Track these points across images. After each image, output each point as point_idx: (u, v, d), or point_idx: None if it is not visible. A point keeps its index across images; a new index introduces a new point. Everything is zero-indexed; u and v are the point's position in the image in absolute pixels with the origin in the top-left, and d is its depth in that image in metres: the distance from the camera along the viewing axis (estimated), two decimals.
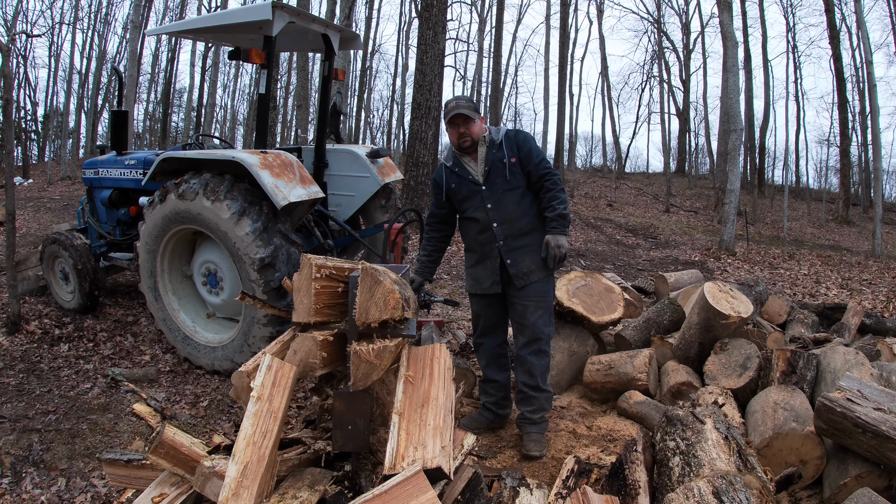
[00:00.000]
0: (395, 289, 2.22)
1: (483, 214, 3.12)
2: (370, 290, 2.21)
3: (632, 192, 24.38)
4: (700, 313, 3.77)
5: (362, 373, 2.20)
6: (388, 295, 2.20)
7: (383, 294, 2.20)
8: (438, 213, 3.34)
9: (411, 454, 2.02)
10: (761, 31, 26.04)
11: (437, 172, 3.30)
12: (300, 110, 14.28)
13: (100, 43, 25.06)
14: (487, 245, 3.14)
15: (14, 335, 4.71)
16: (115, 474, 2.40)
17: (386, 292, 2.21)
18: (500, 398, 3.35)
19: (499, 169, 3.08)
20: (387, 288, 2.20)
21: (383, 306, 2.21)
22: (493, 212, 3.10)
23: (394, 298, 2.21)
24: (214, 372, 4.38)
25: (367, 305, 2.21)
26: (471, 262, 3.29)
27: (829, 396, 2.56)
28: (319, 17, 5.03)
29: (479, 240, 3.17)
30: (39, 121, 27.92)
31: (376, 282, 2.21)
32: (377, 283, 2.21)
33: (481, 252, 3.19)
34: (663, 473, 2.33)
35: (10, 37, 21.45)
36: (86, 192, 5.64)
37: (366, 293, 2.22)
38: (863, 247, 14.73)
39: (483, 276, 3.20)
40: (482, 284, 3.21)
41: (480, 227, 3.15)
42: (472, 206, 3.16)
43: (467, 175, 3.15)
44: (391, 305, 2.20)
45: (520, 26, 50.02)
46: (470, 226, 3.22)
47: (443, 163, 3.29)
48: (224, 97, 31.88)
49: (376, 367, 2.21)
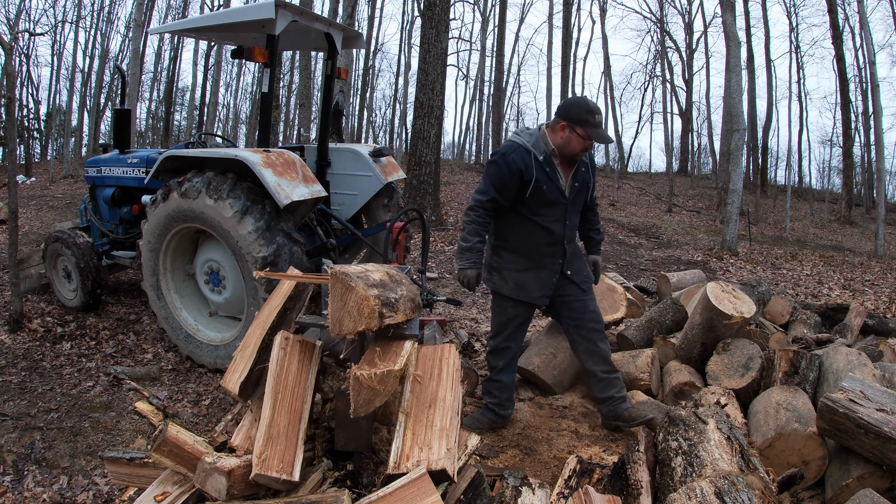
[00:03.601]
0: (370, 294, 1.97)
1: (560, 229, 3.01)
2: (341, 297, 1.98)
3: (634, 191, 24.35)
4: (702, 313, 3.77)
5: (364, 399, 2.02)
6: (361, 303, 1.95)
7: (356, 301, 1.96)
8: (502, 204, 2.96)
9: (416, 455, 2.01)
10: (764, 31, 26.08)
11: (521, 157, 2.88)
12: (302, 109, 14.27)
13: (102, 41, 25.10)
14: (550, 258, 3.06)
15: (16, 333, 4.72)
16: (118, 472, 2.40)
17: (359, 299, 1.95)
18: (503, 399, 3.33)
19: (584, 190, 3.07)
20: (359, 294, 1.95)
21: (357, 315, 1.97)
22: (569, 230, 3.05)
23: (368, 306, 1.96)
24: (217, 370, 4.38)
25: (339, 315, 1.99)
26: (519, 266, 3.10)
27: (831, 397, 2.55)
28: (322, 15, 5.03)
29: (544, 251, 3.05)
30: (42, 119, 27.99)
31: (347, 288, 1.96)
32: (348, 290, 1.96)
33: (538, 262, 3.07)
34: (665, 473, 2.33)
35: (13, 35, 21.48)
36: (88, 190, 5.64)
37: (337, 301, 1.99)
38: (865, 247, 14.69)
39: (534, 285, 3.09)
40: (530, 293, 3.11)
41: (552, 239, 3.03)
42: (550, 215, 2.98)
43: (557, 181, 2.95)
44: (365, 314, 1.96)
45: (522, 25, 50.12)
46: (538, 234, 3.02)
47: (529, 149, 2.90)
48: (226, 96, 31.96)
49: (379, 394, 2.04)
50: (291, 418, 2.16)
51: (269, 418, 2.10)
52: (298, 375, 2.34)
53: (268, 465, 1.96)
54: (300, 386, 2.32)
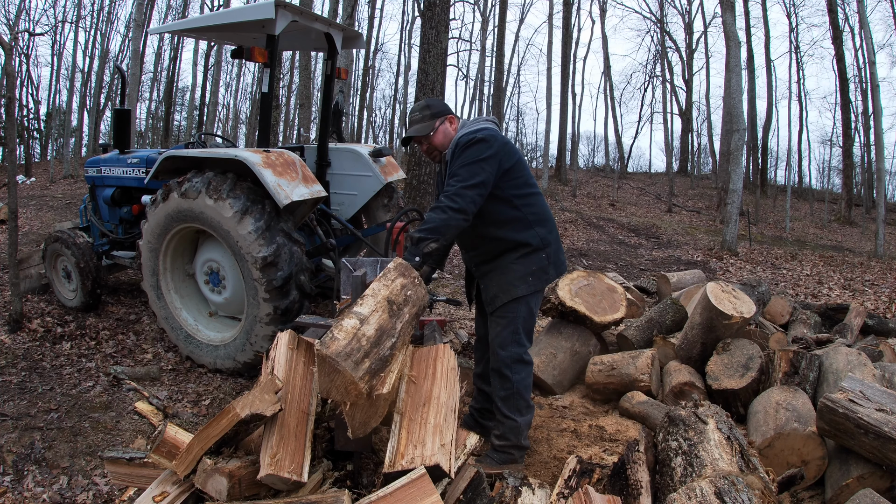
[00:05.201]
0: (359, 375, 1.89)
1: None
2: (329, 375, 1.92)
3: (634, 191, 24.36)
4: (702, 313, 3.77)
5: (359, 421, 2.02)
6: (348, 386, 1.90)
7: (344, 384, 1.90)
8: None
9: (410, 452, 2.02)
10: (764, 31, 26.09)
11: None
12: (302, 109, 14.27)
13: (102, 41, 25.09)
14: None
15: (16, 333, 4.71)
16: (117, 472, 2.40)
17: (347, 383, 1.89)
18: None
19: None
20: (347, 379, 1.88)
21: (345, 393, 1.92)
22: None
23: (356, 389, 1.89)
24: (216, 370, 4.39)
25: (327, 387, 1.94)
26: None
27: (831, 397, 2.55)
28: (322, 15, 5.03)
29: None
30: (42, 119, 27.97)
31: (335, 370, 1.89)
32: (336, 372, 1.89)
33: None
34: (665, 474, 2.33)
35: (13, 35, 21.48)
36: (88, 190, 5.64)
37: (325, 377, 1.93)
38: (865, 247, 14.69)
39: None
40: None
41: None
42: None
43: None
44: (353, 395, 1.91)
45: (522, 25, 50.11)
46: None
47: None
48: (226, 96, 31.95)
49: (374, 415, 2.03)
50: (300, 419, 2.16)
51: (280, 418, 2.09)
52: (305, 376, 2.34)
53: (280, 466, 1.95)
54: (307, 386, 2.32)
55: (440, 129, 2.84)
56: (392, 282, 2.28)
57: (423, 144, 2.87)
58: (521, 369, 2.95)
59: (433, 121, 2.82)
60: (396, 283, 2.29)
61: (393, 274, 2.33)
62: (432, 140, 2.83)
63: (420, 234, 2.60)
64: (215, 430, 1.99)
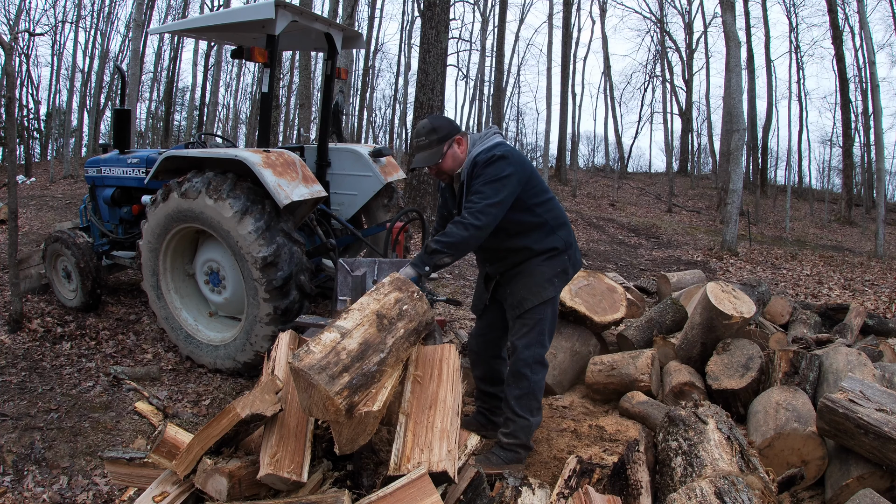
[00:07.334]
0: (335, 391, 1.80)
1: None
2: (306, 390, 1.85)
3: (634, 191, 24.36)
4: (702, 313, 3.77)
5: (346, 438, 1.95)
6: (325, 401, 1.82)
7: (321, 399, 1.83)
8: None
9: (417, 457, 2.00)
10: (764, 31, 26.10)
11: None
12: (302, 109, 14.27)
13: (102, 41, 25.09)
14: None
15: (16, 333, 4.71)
16: (117, 472, 2.40)
17: (323, 399, 1.82)
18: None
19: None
20: (322, 393, 1.80)
21: (323, 410, 1.85)
22: None
23: (333, 405, 1.82)
24: (216, 370, 4.39)
25: (307, 404, 1.88)
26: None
27: (831, 397, 2.55)
28: (322, 15, 5.04)
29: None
30: (42, 119, 27.96)
31: (310, 385, 1.82)
32: (311, 387, 1.81)
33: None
34: (665, 474, 2.33)
35: (13, 35, 21.48)
36: (88, 190, 5.64)
37: (302, 392, 1.87)
38: (865, 247, 14.69)
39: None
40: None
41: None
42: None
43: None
44: (332, 411, 1.84)
45: (522, 25, 50.13)
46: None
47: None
48: (226, 96, 31.92)
49: (362, 433, 1.97)
50: (300, 419, 2.15)
51: (280, 418, 2.09)
52: None
53: (280, 466, 1.95)
54: None
55: (449, 154, 2.80)
56: (385, 296, 2.25)
57: (432, 169, 2.86)
58: (540, 370, 2.97)
59: (441, 146, 2.77)
60: (390, 297, 2.25)
61: (387, 288, 2.29)
62: (441, 167, 2.82)
63: (438, 245, 2.60)
64: (215, 430, 2.00)
